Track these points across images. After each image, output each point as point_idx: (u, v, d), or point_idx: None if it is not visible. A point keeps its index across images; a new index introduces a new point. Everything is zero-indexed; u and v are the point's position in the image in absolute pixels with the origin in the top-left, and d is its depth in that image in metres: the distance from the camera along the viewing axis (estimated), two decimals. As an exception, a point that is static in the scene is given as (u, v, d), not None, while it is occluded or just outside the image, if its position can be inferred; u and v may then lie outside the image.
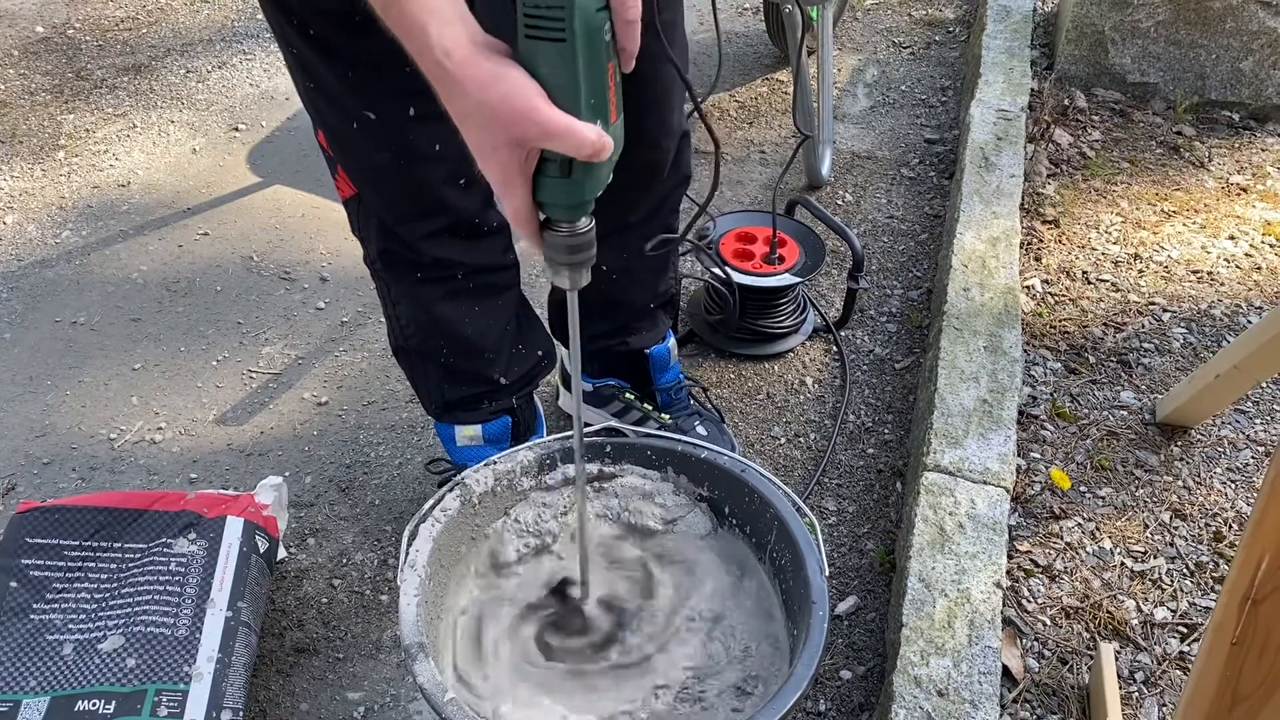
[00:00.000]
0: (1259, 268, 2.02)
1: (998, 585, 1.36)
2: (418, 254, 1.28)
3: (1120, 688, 1.32)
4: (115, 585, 1.34)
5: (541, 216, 0.89)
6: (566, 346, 1.66)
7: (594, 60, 0.79)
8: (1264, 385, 1.77)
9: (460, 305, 1.35)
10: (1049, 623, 1.42)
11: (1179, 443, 1.68)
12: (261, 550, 1.42)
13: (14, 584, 1.33)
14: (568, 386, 1.75)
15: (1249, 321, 1.90)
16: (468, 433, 1.48)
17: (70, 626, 1.29)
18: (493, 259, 1.35)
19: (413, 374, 1.47)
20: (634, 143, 1.32)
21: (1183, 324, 1.90)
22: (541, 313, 1.58)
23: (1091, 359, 1.83)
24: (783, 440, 1.75)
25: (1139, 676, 1.36)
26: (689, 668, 1.15)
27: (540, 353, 1.50)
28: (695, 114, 1.24)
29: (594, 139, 0.80)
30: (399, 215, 1.25)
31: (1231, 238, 2.10)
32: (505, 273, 1.39)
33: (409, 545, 1.13)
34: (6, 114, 2.55)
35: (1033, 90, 2.43)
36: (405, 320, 1.38)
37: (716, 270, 1.81)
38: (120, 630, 1.28)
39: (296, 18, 1.07)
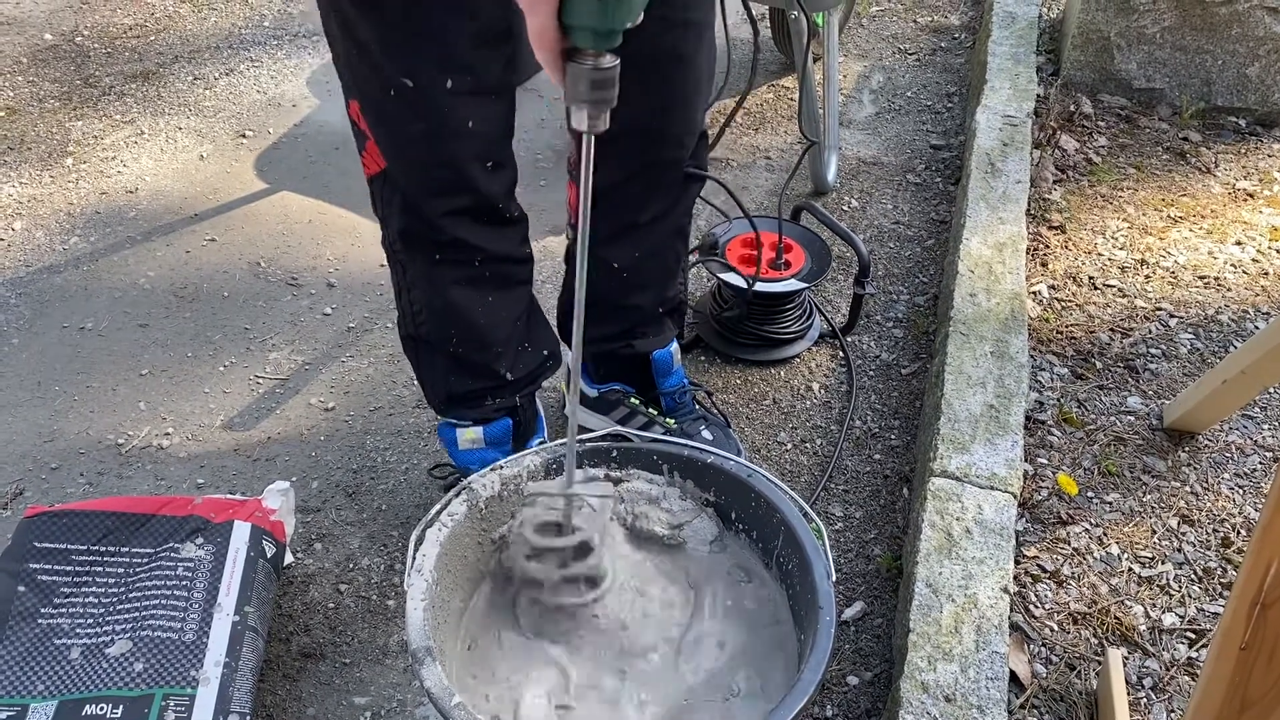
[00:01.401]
0: (1266, 273, 2.02)
1: (1005, 591, 1.36)
2: (438, 232, 1.29)
3: (1128, 694, 1.31)
4: (123, 590, 1.34)
5: (567, 44, 0.85)
6: (569, 346, 1.66)
7: None
8: (1271, 390, 1.77)
9: (474, 293, 1.36)
10: (1056, 628, 1.42)
11: (1186, 448, 1.67)
12: (268, 555, 1.43)
13: (22, 588, 1.33)
14: (574, 393, 1.75)
15: (1256, 327, 1.90)
16: (469, 435, 1.49)
17: (78, 631, 1.29)
18: (510, 249, 1.36)
19: (420, 365, 1.48)
20: (658, 140, 1.34)
21: (1190, 329, 1.90)
22: (550, 317, 1.58)
23: (1098, 364, 1.83)
24: (789, 446, 1.75)
25: (1147, 682, 1.36)
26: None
27: (546, 353, 1.51)
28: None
29: None
30: (424, 190, 1.26)
31: (1238, 243, 2.09)
32: (521, 265, 1.40)
33: (416, 550, 1.13)
34: (15, 121, 2.56)
35: (1038, 96, 2.43)
36: (418, 306, 1.39)
37: (727, 276, 1.81)
38: (128, 634, 1.29)
39: None
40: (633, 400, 1.66)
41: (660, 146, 1.34)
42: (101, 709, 1.21)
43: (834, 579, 1.12)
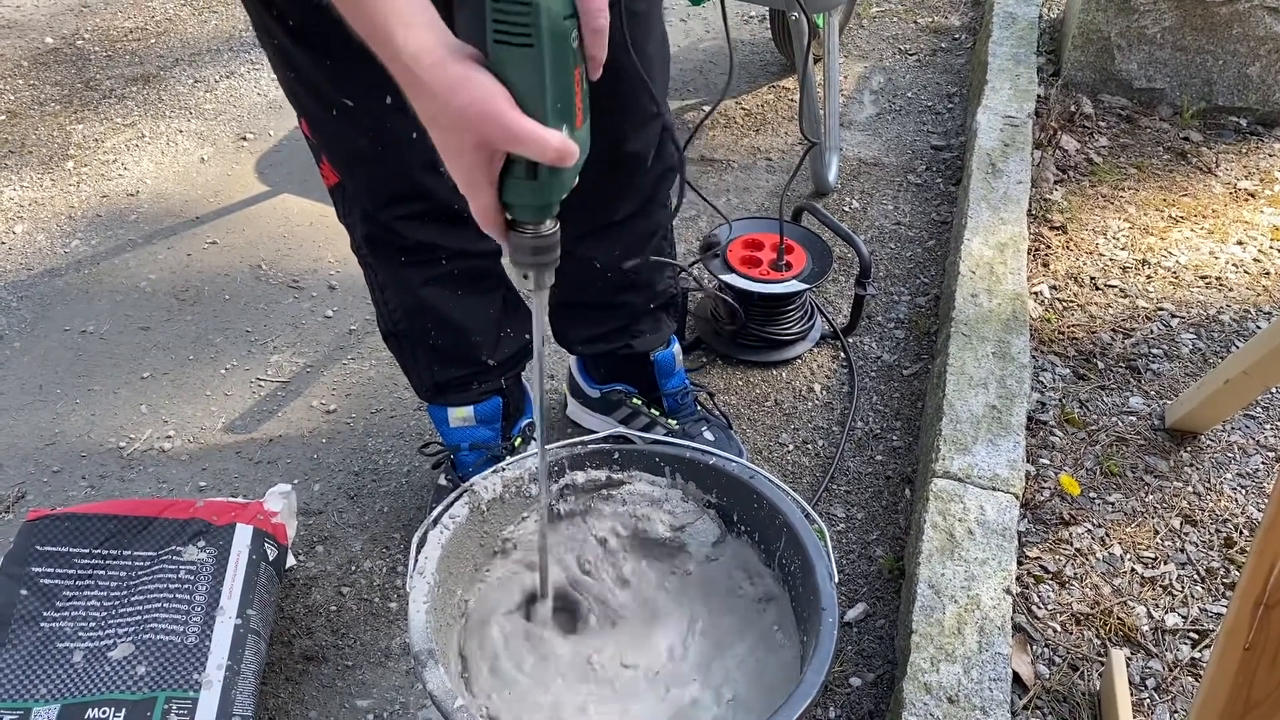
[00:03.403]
0: (1267, 273, 2.02)
1: (1007, 591, 1.35)
2: (400, 237, 1.30)
3: (1131, 694, 1.31)
4: (125, 593, 1.34)
5: (508, 217, 0.89)
6: (567, 349, 1.66)
7: (560, 66, 0.80)
8: (1274, 390, 1.77)
9: (444, 289, 1.37)
10: (1059, 629, 1.42)
11: (1188, 448, 1.67)
12: (270, 558, 1.43)
13: (24, 592, 1.33)
14: (575, 396, 1.75)
15: (1258, 326, 1.90)
16: (460, 414, 1.49)
17: (80, 634, 1.29)
18: (474, 245, 1.36)
19: (403, 358, 1.49)
20: (618, 136, 1.32)
21: (1191, 329, 1.90)
22: None
23: (1100, 365, 1.82)
24: (791, 447, 1.75)
25: (1150, 683, 1.36)
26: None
27: (528, 336, 1.51)
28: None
29: (558, 145, 0.80)
30: (380, 200, 1.27)
31: (1240, 243, 2.09)
32: (487, 259, 1.40)
33: (418, 552, 1.13)
34: (16, 124, 2.56)
35: (1039, 97, 2.43)
36: (393, 305, 1.40)
37: (723, 279, 1.81)
38: (130, 638, 1.29)
39: (276, 8, 1.09)
40: (635, 401, 1.66)
41: (620, 142, 1.33)
42: (104, 712, 1.21)
43: (836, 580, 1.12)
